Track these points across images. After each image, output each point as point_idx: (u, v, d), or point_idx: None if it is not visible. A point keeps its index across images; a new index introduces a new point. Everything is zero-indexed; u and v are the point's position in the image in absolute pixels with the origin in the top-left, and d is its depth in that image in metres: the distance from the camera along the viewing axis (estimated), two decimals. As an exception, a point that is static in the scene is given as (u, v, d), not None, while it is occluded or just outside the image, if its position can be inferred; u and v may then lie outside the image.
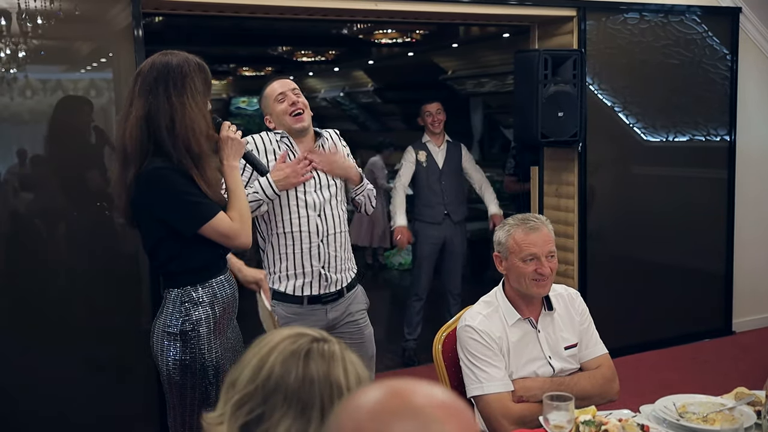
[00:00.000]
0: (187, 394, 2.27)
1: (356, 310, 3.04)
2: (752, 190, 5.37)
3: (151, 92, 2.22)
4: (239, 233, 2.29)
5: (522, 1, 4.48)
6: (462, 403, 0.91)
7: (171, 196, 2.22)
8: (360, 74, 10.93)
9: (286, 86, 2.97)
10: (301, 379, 1.17)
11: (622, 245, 4.98)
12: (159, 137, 2.20)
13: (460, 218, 5.04)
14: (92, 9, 3.46)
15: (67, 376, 3.47)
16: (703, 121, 5.14)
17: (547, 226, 2.39)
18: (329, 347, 1.21)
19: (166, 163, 2.20)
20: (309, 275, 2.93)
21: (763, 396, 2.13)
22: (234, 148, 2.39)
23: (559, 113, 4.26)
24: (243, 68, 11.00)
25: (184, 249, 2.27)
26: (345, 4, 4.08)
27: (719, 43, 5.12)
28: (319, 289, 2.94)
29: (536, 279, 2.31)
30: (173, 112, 2.20)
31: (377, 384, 0.92)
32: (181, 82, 2.23)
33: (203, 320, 2.27)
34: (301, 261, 2.92)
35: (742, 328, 5.41)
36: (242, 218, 2.31)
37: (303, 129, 2.94)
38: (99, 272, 3.53)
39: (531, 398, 2.26)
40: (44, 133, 3.47)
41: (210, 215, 2.24)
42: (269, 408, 1.16)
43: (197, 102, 2.25)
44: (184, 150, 2.21)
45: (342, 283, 2.99)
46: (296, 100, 2.94)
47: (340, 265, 2.98)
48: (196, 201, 2.23)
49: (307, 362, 1.18)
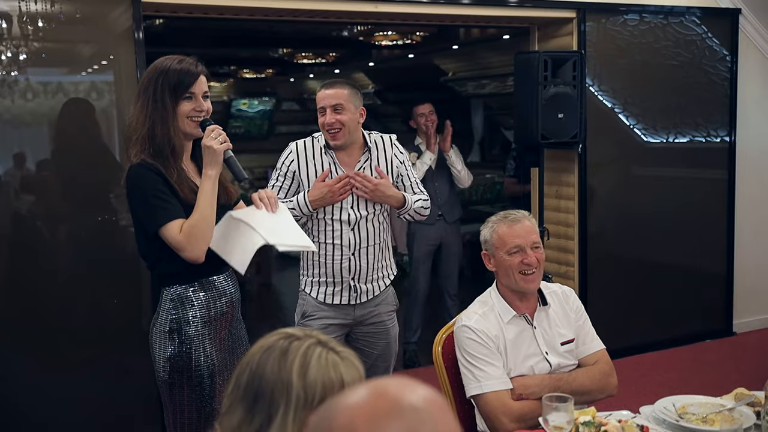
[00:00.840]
0: (176, 393, 2.29)
1: (385, 311, 3.05)
2: (752, 191, 5.37)
3: (137, 97, 2.31)
4: (183, 247, 2.20)
5: (522, 2, 4.48)
6: (443, 398, 0.92)
7: (139, 194, 2.25)
8: (360, 76, 10.93)
9: (327, 101, 2.88)
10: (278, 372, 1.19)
11: (622, 246, 4.98)
12: (135, 143, 2.27)
13: (454, 219, 5.03)
14: (93, 11, 3.47)
15: (68, 377, 3.47)
16: (703, 122, 5.15)
17: (530, 219, 2.43)
18: (302, 343, 1.22)
19: (146, 162, 2.24)
20: (339, 284, 2.94)
21: (762, 397, 2.13)
22: (209, 156, 2.27)
23: (559, 114, 4.27)
24: (243, 70, 10.99)
25: (170, 249, 2.27)
26: (345, 6, 4.09)
27: (719, 45, 5.13)
28: (349, 300, 2.96)
29: (523, 271, 2.34)
30: (140, 120, 2.26)
31: (364, 385, 0.93)
32: (144, 88, 2.28)
33: (191, 319, 2.28)
34: (332, 271, 2.93)
35: (743, 328, 5.41)
36: (191, 231, 2.21)
37: (338, 146, 2.92)
38: (99, 274, 3.54)
39: (530, 396, 2.27)
40: (45, 136, 3.48)
41: (162, 221, 2.22)
42: (272, 411, 1.17)
43: (154, 108, 2.25)
44: (156, 151, 2.25)
45: (373, 292, 3.00)
46: (332, 121, 2.86)
47: (371, 276, 2.97)
48: (158, 203, 2.22)
49: (284, 358, 1.20)
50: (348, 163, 2.95)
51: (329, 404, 0.92)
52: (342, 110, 2.87)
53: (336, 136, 2.88)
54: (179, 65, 2.29)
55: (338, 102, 2.87)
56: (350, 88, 2.93)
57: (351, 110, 2.89)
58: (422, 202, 3.07)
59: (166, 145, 2.25)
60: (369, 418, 0.86)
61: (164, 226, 2.22)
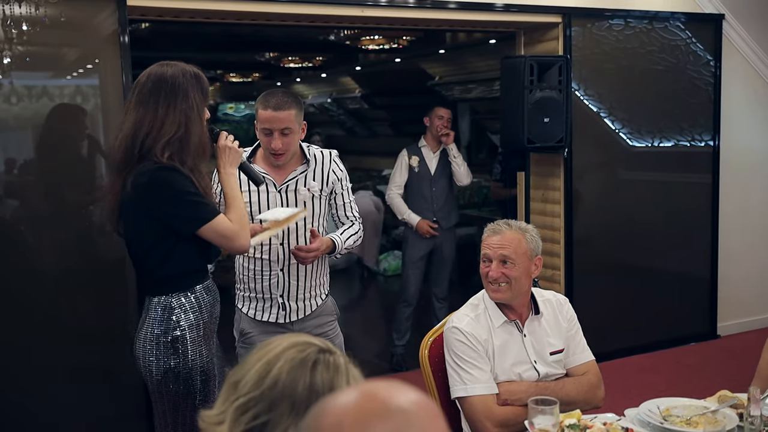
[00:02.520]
0: (174, 400, 2.28)
1: (325, 322, 2.97)
2: (736, 195, 5.42)
3: (145, 103, 2.25)
4: (239, 235, 2.32)
5: (508, 7, 4.51)
6: (433, 403, 0.92)
7: (174, 194, 2.24)
8: (347, 80, 10.93)
9: (276, 124, 2.72)
10: (308, 389, 1.16)
11: (608, 250, 5.01)
12: (151, 147, 2.22)
13: (450, 225, 5.04)
14: (78, 15, 3.45)
15: (53, 381, 3.45)
16: (688, 126, 5.19)
17: (517, 231, 2.37)
18: (335, 359, 1.21)
19: (170, 165, 2.22)
20: (267, 301, 2.86)
21: (745, 399, 2.15)
22: (231, 156, 2.42)
23: (545, 119, 4.29)
24: (230, 74, 10.98)
25: (171, 256, 2.28)
26: (332, 11, 4.09)
27: (703, 50, 5.17)
28: (277, 318, 2.87)
29: (489, 282, 2.34)
30: (166, 122, 2.23)
31: (352, 387, 0.94)
32: (173, 93, 2.25)
33: (187, 327, 2.28)
34: (261, 287, 2.85)
35: (727, 331, 5.45)
36: (241, 221, 2.35)
37: (280, 166, 2.81)
38: (83, 278, 3.52)
39: (515, 401, 2.27)
40: (30, 140, 3.46)
41: (211, 216, 2.28)
42: (276, 416, 1.15)
43: (191, 112, 2.27)
44: (178, 159, 2.23)
45: (304, 311, 2.89)
46: (280, 146, 2.73)
47: (302, 294, 2.87)
48: (198, 201, 2.26)
49: (314, 372, 1.17)
50: (280, 173, 2.84)
51: (319, 405, 0.93)
52: (290, 133, 2.74)
53: (281, 158, 2.77)
54: (199, 73, 2.35)
55: (288, 126, 2.73)
56: (297, 106, 2.77)
57: (296, 131, 2.77)
58: (353, 238, 2.93)
59: (199, 146, 2.30)
60: (357, 419, 0.87)
61: (214, 220, 2.27)
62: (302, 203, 2.84)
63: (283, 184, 2.84)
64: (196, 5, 3.73)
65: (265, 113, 2.74)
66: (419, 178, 4.92)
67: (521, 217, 4.69)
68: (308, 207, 2.84)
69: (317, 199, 2.88)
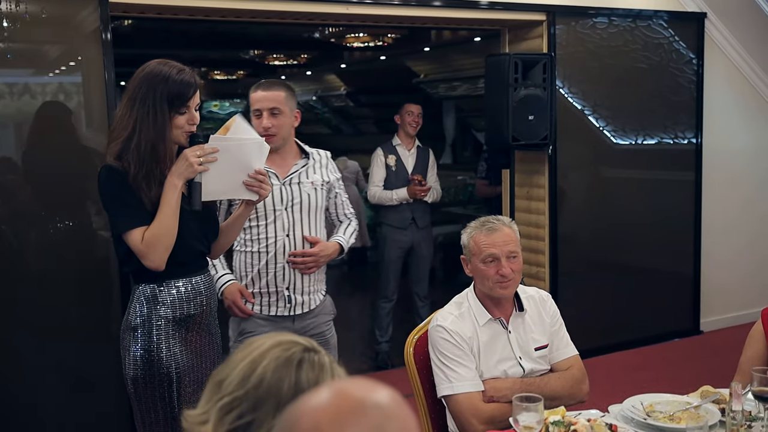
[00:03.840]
0: (141, 391, 2.28)
1: (323, 321, 2.99)
2: (718, 192, 5.46)
3: (128, 99, 2.26)
4: (144, 255, 2.22)
5: (493, 5, 4.52)
6: (403, 399, 0.93)
7: (103, 194, 2.26)
8: (332, 78, 10.92)
9: (264, 103, 2.79)
10: (293, 388, 1.15)
11: (592, 247, 5.03)
12: (122, 142, 2.23)
13: (426, 223, 5.06)
14: (59, 12, 3.42)
15: (36, 380, 3.42)
16: (671, 124, 5.23)
17: (510, 226, 2.41)
18: (319, 358, 1.20)
19: (115, 165, 2.22)
20: (273, 295, 2.87)
21: (727, 394, 2.17)
22: (183, 167, 2.25)
23: (530, 116, 4.30)
24: (215, 72, 10.93)
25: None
26: (316, 8, 4.08)
27: (685, 48, 5.21)
28: (284, 311, 2.88)
29: (499, 281, 2.34)
30: (124, 124, 2.23)
31: (322, 387, 0.93)
32: (135, 94, 2.24)
33: (159, 318, 2.28)
34: (266, 281, 2.85)
35: (710, 327, 5.50)
36: (152, 240, 2.21)
37: (273, 147, 2.78)
38: (68, 277, 3.49)
39: (501, 398, 2.28)
40: (12, 138, 3.42)
41: (126, 227, 2.23)
42: (261, 416, 1.14)
43: (145, 117, 2.22)
44: (125, 161, 2.22)
45: (309, 305, 2.92)
46: (269, 125, 2.77)
47: (307, 287, 2.89)
48: (123, 207, 2.22)
49: (299, 371, 1.16)
50: (282, 166, 2.87)
51: (291, 409, 0.92)
52: (279, 113, 2.79)
53: (271, 140, 2.76)
54: (179, 76, 2.25)
55: (276, 105, 2.78)
56: (287, 90, 2.84)
57: (287, 114, 2.81)
58: (353, 235, 3.05)
59: (151, 152, 2.22)
60: (334, 419, 0.86)
61: (127, 233, 2.23)
62: (306, 195, 2.87)
63: (287, 177, 2.86)
64: (178, 2, 3.71)
65: (255, 94, 2.83)
66: (396, 177, 4.93)
67: (506, 214, 4.70)
68: (312, 199, 2.89)
69: (319, 192, 2.93)
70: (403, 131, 5.01)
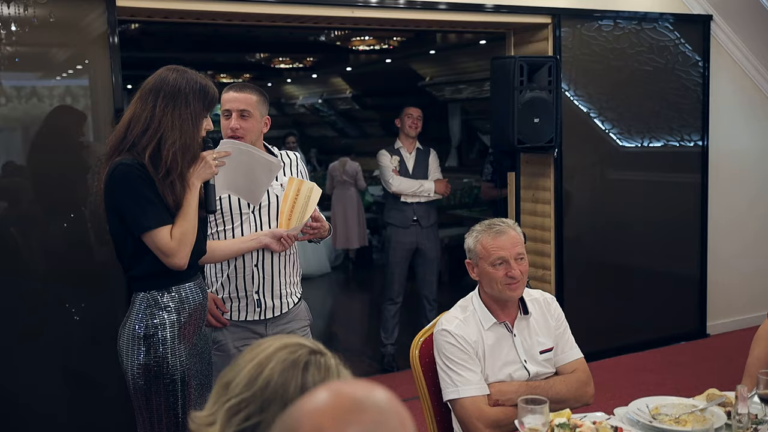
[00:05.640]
0: (153, 399, 2.28)
1: (298, 327, 2.93)
2: (725, 194, 5.45)
3: (144, 99, 2.27)
4: (174, 253, 2.24)
5: (498, 8, 4.52)
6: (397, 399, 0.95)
7: (126, 192, 2.23)
8: (338, 81, 10.94)
9: (234, 104, 2.75)
10: (300, 390, 1.15)
11: (598, 250, 5.03)
12: (136, 142, 2.23)
13: (430, 223, 5.05)
14: (67, 16, 3.44)
15: (38, 382, 3.43)
16: (677, 126, 5.22)
17: (515, 228, 2.41)
18: (326, 360, 1.20)
19: (137, 162, 2.22)
20: (243, 300, 2.82)
21: (733, 397, 2.17)
22: (202, 169, 2.33)
23: (535, 119, 4.30)
24: (221, 75, 10.96)
25: (149, 252, 2.27)
26: (322, 12, 4.10)
27: (691, 50, 5.21)
28: (254, 315, 2.83)
29: (508, 283, 2.34)
30: (156, 122, 2.24)
31: (319, 389, 0.94)
32: (173, 96, 2.26)
33: (168, 325, 2.28)
34: (235, 285, 2.80)
35: (716, 330, 5.48)
36: (182, 239, 2.25)
37: None
38: (71, 280, 3.50)
39: (506, 402, 2.28)
40: (19, 141, 3.44)
41: (153, 225, 2.22)
42: (267, 417, 1.15)
43: (188, 119, 2.26)
44: (157, 161, 2.23)
45: (281, 309, 2.86)
46: (237, 127, 2.73)
47: (277, 290, 2.84)
48: (148, 206, 2.22)
49: (306, 373, 1.17)
50: None
51: (290, 412, 0.93)
52: (249, 116, 2.75)
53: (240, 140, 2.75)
54: (207, 84, 2.33)
55: (246, 107, 2.75)
56: (260, 95, 2.80)
57: (257, 118, 2.77)
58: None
59: (186, 154, 2.26)
60: (335, 418, 0.88)
61: (155, 230, 2.22)
62: (275, 197, 2.83)
63: None
64: (185, 6, 3.72)
65: (226, 95, 2.79)
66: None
67: (512, 217, 4.71)
68: (280, 201, 2.83)
69: None
70: (403, 134, 5.05)
